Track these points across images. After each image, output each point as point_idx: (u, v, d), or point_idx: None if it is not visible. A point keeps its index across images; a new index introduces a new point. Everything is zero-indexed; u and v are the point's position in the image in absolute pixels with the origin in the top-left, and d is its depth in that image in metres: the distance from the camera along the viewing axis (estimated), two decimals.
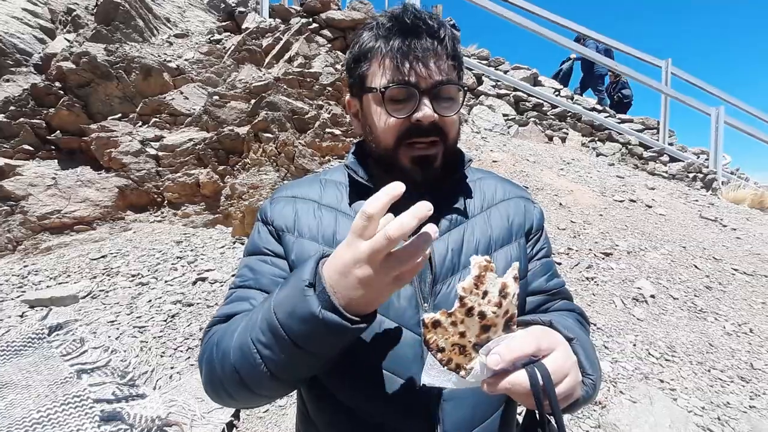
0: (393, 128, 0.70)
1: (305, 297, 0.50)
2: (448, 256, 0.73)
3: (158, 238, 4.15)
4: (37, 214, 4.06)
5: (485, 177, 0.89)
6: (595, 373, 0.58)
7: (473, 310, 0.46)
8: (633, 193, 4.85)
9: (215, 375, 0.61)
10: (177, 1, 8.89)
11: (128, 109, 5.29)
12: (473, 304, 0.46)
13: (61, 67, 4.95)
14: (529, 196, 0.89)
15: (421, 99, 0.68)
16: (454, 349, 0.48)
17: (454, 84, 0.71)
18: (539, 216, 0.86)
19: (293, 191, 0.82)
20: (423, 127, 0.69)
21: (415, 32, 0.69)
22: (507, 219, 0.81)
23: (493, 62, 7.33)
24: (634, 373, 2.14)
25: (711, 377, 2.13)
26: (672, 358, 2.26)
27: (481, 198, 0.83)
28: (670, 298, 2.89)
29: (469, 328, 0.47)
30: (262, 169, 4.81)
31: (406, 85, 0.68)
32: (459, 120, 0.77)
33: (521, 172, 4.85)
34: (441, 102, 0.70)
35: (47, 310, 2.22)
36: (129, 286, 2.98)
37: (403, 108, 0.69)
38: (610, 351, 2.30)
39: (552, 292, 0.83)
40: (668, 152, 6.60)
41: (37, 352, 1.72)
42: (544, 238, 0.86)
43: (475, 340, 0.48)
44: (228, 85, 5.66)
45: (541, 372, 0.47)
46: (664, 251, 3.50)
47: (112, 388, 1.55)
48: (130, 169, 4.78)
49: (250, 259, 0.77)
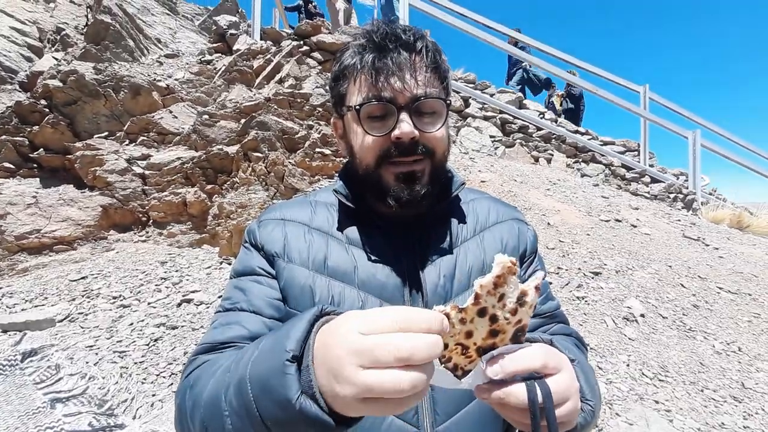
0: (373, 147, 0.67)
1: (284, 375, 0.41)
2: (440, 283, 0.70)
3: (142, 259, 4.04)
4: (15, 234, 3.92)
5: (478, 198, 0.86)
6: (594, 399, 0.56)
7: (486, 311, 0.43)
8: (618, 212, 4.94)
9: (185, 423, 0.54)
10: (168, 23, 8.98)
11: (115, 128, 5.23)
12: (487, 305, 0.43)
13: (48, 85, 4.90)
14: (522, 217, 0.87)
15: (399, 115, 0.65)
16: (457, 348, 0.45)
17: (434, 98, 0.67)
18: (533, 238, 0.84)
19: (282, 213, 0.78)
20: (404, 145, 0.65)
21: (389, 46, 0.66)
22: (501, 242, 0.79)
23: (480, 86, 7.52)
24: (629, 394, 2.12)
25: (704, 397, 2.13)
26: (665, 378, 2.25)
27: (474, 221, 0.80)
28: (660, 317, 2.91)
29: (477, 329, 0.44)
30: (251, 188, 4.77)
31: (381, 101, 0.65)
32: (447, 135, 0.73)
33: (509, 192, 4.91)
34: (422, 117, 0.67)
35: (21, 334, 2.11)
36: (110, 308, 2.87)
37: (382, 125, 0.66)
38: (604, 371, 2.28)
39: (548, 314, 0.80)
40: (649, 173, 6.79)
41: (8, 380, 1.61)
42: (538, 259, 0.84)
43: (480, 343, 0.45)
44: (218, 105, 5.66)
45: (542, 390, 0.44)
46: (651, 270, 3.55)
47: (88, 419, 1.45)
48: (115, 187, 4.69)
49: (241, 280, 0.73)
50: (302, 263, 0.70)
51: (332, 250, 0.72)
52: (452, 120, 6.74)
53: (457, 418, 0.67)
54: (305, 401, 0.40)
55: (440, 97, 0.68)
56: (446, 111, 0.70)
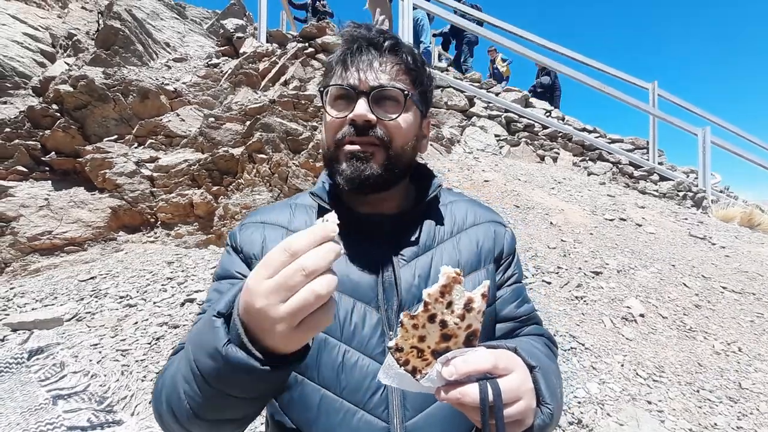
0: (333, 128, 0.73)
1: (213, 329, 0.47)
2: (415, 283, 0.72)
3: (150, 259, 4.14)
4: (27, 235, 4.05)
5: (456, 201, 0.88)
6: (554, 402, 0.57)
7: (435, 317, 0.47)
8: (623, 211, 4.89)
9: (157, 405, 0.59)
10: (177, 27, 9.11)
11: (124, 131, 5.36)
12: (436, 311, 0.46)
13: (59, 90, 5.04)
14: (500, 220, 0.89)
15: (357, 100, 0.70)
16: (413, 351, 0.48)
17: (392, 87, 0.71)
18: (510, 240, 0.86)
19: (263, 217, 0.81)
20: (357, 127, 0.70)
21: (359, 44, 0.73)
22: (476, 244, 0.80)
23: (485, 84, 7.49)
24: (622, 394, 2.12)
25: (700, 398, 2.12)
26: (660, 378, 2.24)
27: (451, 222, 0.82)
28: (660, 317, 2.89)
29: (429, 333, 0.47)
30: (256, 189, 4.85)
31: (343, 86, 0.72)
32: (414, 130, 0.76)
33: (512, 191, 4.90)
34: (383, 105, 0.71)
35: (29, 333, 2.20)
36: (116, 308, 2.96)
37: (344, 109, 0.72)
38: (597, 372, 2.28)
39: (522, 318, 0.82)
40: (658, 171, 6.70)
41: (14, 377, 1.69)
42: (515, 263, 0.86)
43: (434, 347, 0.48)
44: (224, 108, 5.75)
45: (492, 388, 0.47)
46: (653, 270, 3.51)
47: (87, 415, 1.52)
48: (124, 189, 4.81)
49: (221, 284, 0.76)
50: None
51: None
52: (456, 120, 6.73)
53: (427, 413, 0.69)
54: (231, 348, 0.44)
55: (398, 87, 0.72)
56: (407, 103, 0.73)
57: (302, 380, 0.68)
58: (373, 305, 0.71)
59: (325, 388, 0.67)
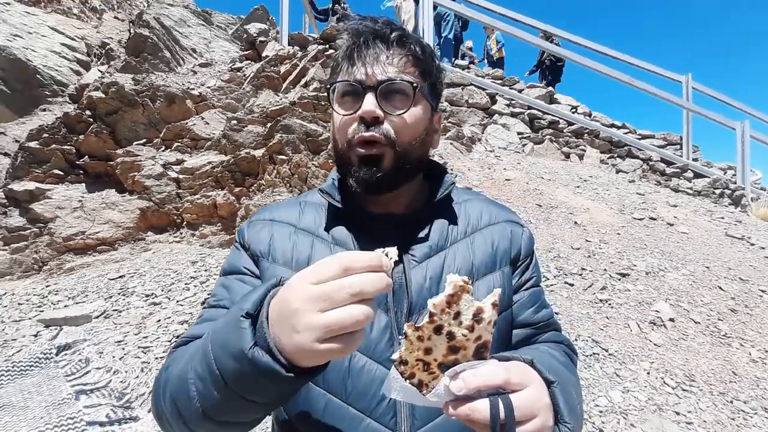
0: (343, 127, 0.71)
1: (239, 329, 0.46)
2: (426, 285, 0.70)
3: (175, 258, 4.27)
4: (63, 236, 4.26)
5: (471, 199, 0.84)
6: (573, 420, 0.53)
7: (442, 329, 0.44)
8: (654, 210, 4.68)
9: (159, 402, 0.58)
10: (203, 33, 9.38)
11: (152, 135, 5.56)
12: (443, 323, 0.44)
13: (92, 97, 5.27)
14: (517, 219, 0.84)
15: (364, 95, 0.68)
16: (418, 365, 0.46)
17: (400, 81, 0.69)
18: (528, 241, 0.81)
19: (271, 214, 0.80)
20: (366, 123, 0.68)
21: (364, 37, 0.70)
22: (491, 245, 0.76)
23: (508, 81, 7.33)
24: (647, 404, 2.01)
25: (732, 409, 1.98)
26: (690, 387, 2.12)
27: (465, 222, 0.78)
28: (691, 321, 2.74)
29: (435, 346, 0.45)
30: (276, 190, 4.93)
31: (349, 81, 0.69)
32: (423, 124, 0.74)
33: (535, 190, 4.77)
34: (391, 100, 0.69)
35: (58, 329, 2.32)
36: (142, 305, 3.07)
37: (352, 106, 0.70)
38: (621, 379, 2.18)
39: (540, 324, 0.78)
40: (692, 168, 6.37)
41: (43, 372, 1.78)
42: (533, 265, 0.81)
43: (442, 360, 0.45)
44: (246, 110, 5.87)
45: (504, 404, 0.44)
46: (685, 272, 3.34)
47: (106, 410, 1.58)
48: (152, 191, 4.98)
49: (227, 279, 0.74)
50: (285, 263, 0.72)
51: (316, 251, 0.72)
52: (478, 118, 6.63)
53: (436, 423, 0.66)
54: (257, 351, 0.44)
55: (406, 80, 0.69)
56: (416, 96, 0.70)
57: (308, 384, 0.65)
58: (381, 308, 0.68)
59: (331, 393, 0.65)
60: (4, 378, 1.71)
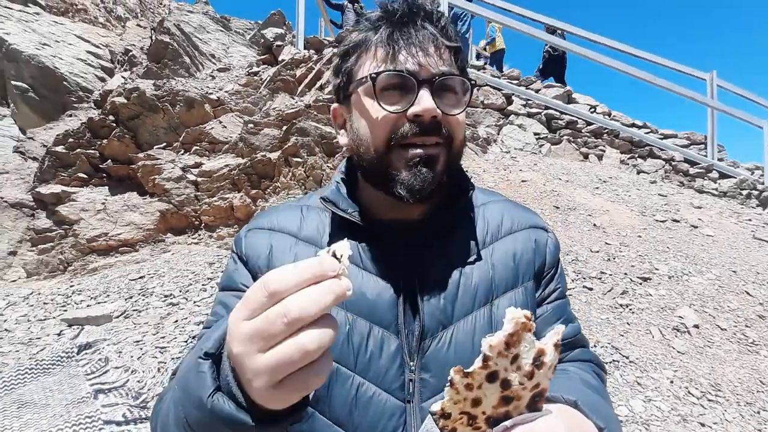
0: (385, 125, 0.59)
1: (198, 374, 0.39)
2: (440, 305, 0.62)
3: (193, 260, 4.35)
4: (86, 237, 4.40)
5: (490, 202, 0.76)
6: None
7: (497, 375, 0.37)
8: (677, 212, 4.53)
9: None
10: (221, 39, 9.57)
11: (172, 139, 5.69)
12: (498, 368, 0.37)
13: (115, 102, 5.43)
14: (542, 223, 0.76)
15: (419, 90, 0.57)
16: (462, 418, 0.38)
17: (461, 76, 0.61)
18: (553, 249, 0.74)
19: (270, 221, 0.72)
20: (423, 125, 0.58)
21: (411, 19, 0.60)
22: (513, 257, 0.69)
23: (524, 81, 7.24)
24: (670, 414, 1.94)
25: (760, 420, 1.90)
26: (716, 398, 2.03)
27: (484, 230, 0.70)
28: (717, 328, 2.64)
29: (486, 396, 0.37)
30: (291, 193, 4.97)
31: (401, 72, 0.58)
32: (464, 124, 0.65)
33: (552, 191, 4.68)
34: (444, 97, 0.60)
35: (80, 328, 2.39)
36: (161, 306, 3.13)
37: (399, 101, 0.59)
38: (643, 388, 2.11)
39: (565, 342, 0.68)
40: (717, 168, 6.14)
41: (64, 370, 1.84)
42: (558, 275, 0.74)
43: (491, 413, 0.38)
44: (262, 114, 5.95)
45: None
46: (710, 276, 3.22)
47: (122, 410, 1.62)
48: (171, 194, 5.10)
49: (226, 295, 0.69)
50: None
51: None
52: (493, 119, 6.55)
53: None
54: (218, 399, 0.37)
55: (467, 78, 0.62)
56: (469, 96, 0.62)
57: (313, 413, 0.60)
58: (392, 330, 0.61)
59: (337, 425, 0.59)
60: (28, 376, 1.78)
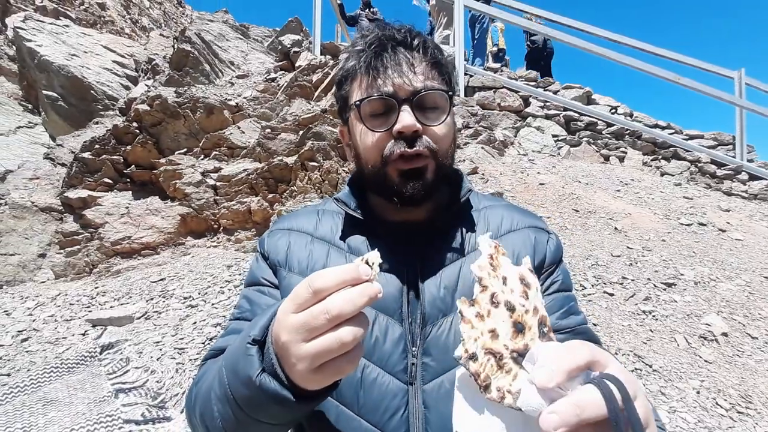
0: (376, 145, 0.67)
1: (247, 356, 0.46)
2: (440, 295, 0.67)
3: (212, 263, 4.43)
4: (111, 240, 4.53)
5: (492, 206, 0.81)
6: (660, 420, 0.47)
7: (497, 297, 0.38)
8: (703, 215, 4.37)
9: (191, 416, 0.60)
10: (240, 46, 9.78)
11: (193, 144, 5.83)
12: (495, 289, 0.39)
13: (138, 109, 5.60)
14: (542, 225, 0.80)
15: (400, 109, 0.65)
16: (489, 360, 0.37)
17: (436, 90, 0.67)
18: (554, 248, 0.77)
19: (290, 223, 0.80)
20: (407, 140, 0.65)
21: (387, 45, 0.68)
22: (512, 254, 0.73)
23: (542, 83, 7.13)
24: (697, 426, 1.86)
25: None
26: (746, 410, 1.94)
27: (484, 230, 0.76)
28: (748, 337, 2.52)
29: (498, 325, 0.38)
30: (308, 197, 5.02)
31: (382, 96, 0.65)
32: (452, 132, 0.72)
33: (571, 194, 4.58)
34: (425, 111, 0.66)
35: (102, 329, 2.46)
36: (180, 307, 3.20)
37: (384, 122, 0.66)
38: (667, 398, 2.03)
39: (567, 330, 0.70)
40: (747, 169, 5.90)
41: (87, 370, 1.90)
42: (559, 271, 0.76)
43: (513, 346, 0.37)
44: (280, 119, 6.04)
45: (617, 387, 0.33)
46: (740, 282, 3.09)
47: (141, 410, 1.65)
48: (191, 198, 5.22)
49: (249, 290, 0.76)
50: (301, 272, 0.72)
51: (332, 260, 0.72)
52: (510, 121, 6.48)
53: None
54: (265, 378, 0.44)
55: (441, 89, 0.68)
56: (449, 105, 0.69)
57: None
58: (396, 318, 0.67)
59: (343, 404, 0.64)
60: (53, 374, 1.85)
